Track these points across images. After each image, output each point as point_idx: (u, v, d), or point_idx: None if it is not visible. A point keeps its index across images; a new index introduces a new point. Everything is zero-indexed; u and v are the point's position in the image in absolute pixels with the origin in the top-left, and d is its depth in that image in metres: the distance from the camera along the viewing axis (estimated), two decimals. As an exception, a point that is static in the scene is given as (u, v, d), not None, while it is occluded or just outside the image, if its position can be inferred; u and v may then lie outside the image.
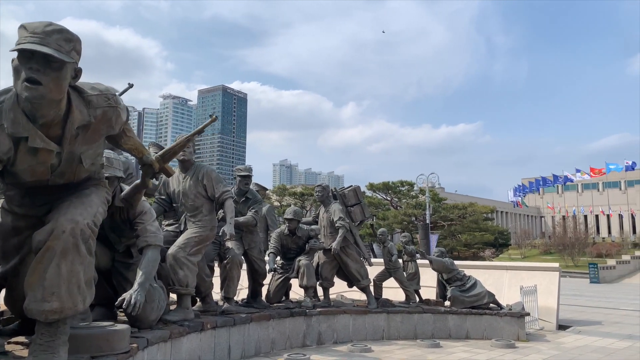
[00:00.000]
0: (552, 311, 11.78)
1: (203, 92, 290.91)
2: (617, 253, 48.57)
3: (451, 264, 10.31)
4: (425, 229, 23.08)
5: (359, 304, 9.68)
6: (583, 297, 22.22)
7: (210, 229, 6.62)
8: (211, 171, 6.74)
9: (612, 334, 10.93)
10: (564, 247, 49.69)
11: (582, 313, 15.16)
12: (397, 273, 9.97)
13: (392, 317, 9.36)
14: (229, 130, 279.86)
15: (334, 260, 9.30)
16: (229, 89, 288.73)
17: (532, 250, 60.41)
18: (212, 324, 6.57)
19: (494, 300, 10.17)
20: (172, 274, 6.25)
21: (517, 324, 9.72)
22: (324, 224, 9.40)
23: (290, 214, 8.87)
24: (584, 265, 40.85)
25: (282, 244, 9.00)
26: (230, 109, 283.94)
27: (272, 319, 7.76)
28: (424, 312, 9.63)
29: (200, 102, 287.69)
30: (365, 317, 9.10)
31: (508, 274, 12.91)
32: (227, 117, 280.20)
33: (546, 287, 12.17)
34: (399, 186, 48.20)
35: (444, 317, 9.70)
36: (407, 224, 42.05)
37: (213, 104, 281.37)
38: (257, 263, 8.14)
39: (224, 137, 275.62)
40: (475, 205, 51.60)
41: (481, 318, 9.78)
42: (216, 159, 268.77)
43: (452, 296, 9.95)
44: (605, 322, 13.19)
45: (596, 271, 35.31)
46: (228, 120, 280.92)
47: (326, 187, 9.57)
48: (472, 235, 46.88)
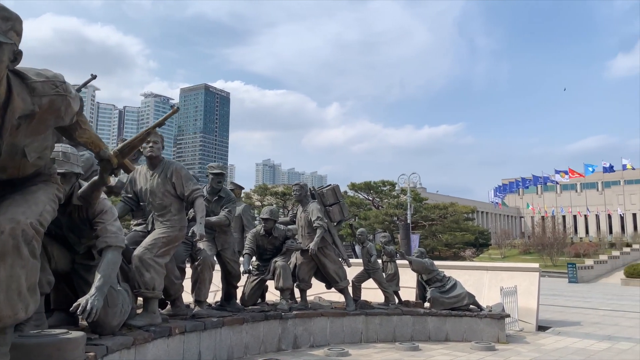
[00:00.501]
0: (532, 312, 11.70)
1: (185, 90, 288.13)
2: (595, 253, 49.20)
3: (431, 264, 10.14)
4: (406, 229, 22.96)
5: (337, 306, 9.44)
6: (562, 297, 22.32)
7: (179, 229, 6.31)
8: (180, 168, 6.42)
9: (591, 335, 10.88)
10: (543, 247, 50.17)
11: (561, 313, 15.15)
12: (376, 274, 9.76)
13: (371, 319, 9.13)
14: (211, 130, 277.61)
15: (311, 261, 9.05)
16: (211, 87, 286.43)
17: (512, 250, 60.91)
18: (180, 328, 6.26)
19: (474, 301, 10.02)
20: (138, 277, 5.92)
21: (497, 325, 9.58)
22: (301, 223, 9.14)
23: (266, 213, 8.59)
24: (563, 265, 41.26)
25: (258, 245, 8.71)
26: (213, 108, 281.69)
27: (245, 322, 7.46)
28: (403, 314, 9.43)
29: (182, 100, 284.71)
30: (343, 320, 8.87)
31: (488, 274, 12.80)
32: (209, 116, 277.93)
33: (526, 287, 12.09)
34: (381, 186, 48.11)
35: (424, 319, 9.51)
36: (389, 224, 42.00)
37: (195, 102, 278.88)
38: (231, 265, 7.85)
39: (206, 136, 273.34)
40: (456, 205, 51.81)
41: (461, 320, 9.62)
42: (198, 158, 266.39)
43: (432, 297, 9.78)
44: (585, 322, 13.17)
45: (574, 271, 35.65)
46: (210, 119, 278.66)
47: (304, 186, 9.31)
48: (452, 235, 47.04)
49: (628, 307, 17.88)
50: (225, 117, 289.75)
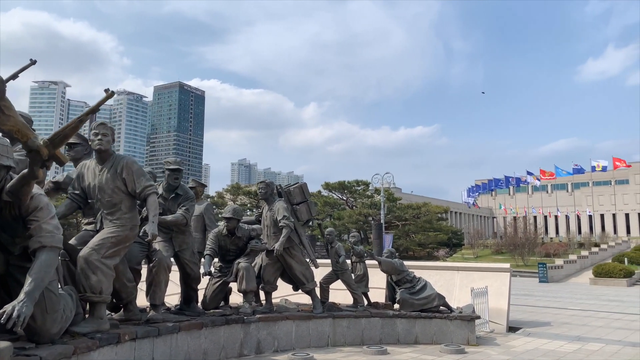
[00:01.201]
0: (502, 313, 11.57)
1: (159, 88, 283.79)
2: (564, 253, 49.99)
3: (401, 265, 9.89)
4: (379, 229, 22.76)
5: (304, 308, 9.09)
6: (533, 296, 22.45)
7: (130, 228, 5.88)
8: (132, 163, 5.99)
9: (561, 336, 10.79)
10: (514, 247, 50.72)
11: (531, 314, 15.12)
12: (344, 275, 9.46)
13: (338, 322, 8.82)
14: (185, 128, 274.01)
15: (277, 262, 8.69)
16: (186, 85, 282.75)
17: (484, 250, 61.49)
18: (131, 334, 5.82)
19: (444, 302, 9.81)
20: (84, 279, 5.48)
21: (467, 327, 9.38)
22: (267, 223, 8.77)
23: (229, 212, 8.20)
24: (534, 265, 41.77)
25: (220, 246, 8.31)
26: (187, 107, 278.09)
27: (204, 327, 7.05)
28: (372, 316, 9.14)
29: (156, 98, 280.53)
30: (309, 323, 8.53)
31: (459, 274, 12.64)
32: (183, 115, 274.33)
33: (497, 288, 11.96)
34: (355, 186, 47.93)
35: (393, 321, 9.25)
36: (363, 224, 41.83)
37: (169, 100, 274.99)
38: (190, 266, 7.43)
39: (180, 135, 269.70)
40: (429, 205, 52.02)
41: (431, 322, 9.39)
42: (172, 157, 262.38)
43: (401, 299, 9.52)
44: (555, 322, 13.13)
45: (545, 271, 36.10)
46: (185, 117, 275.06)
47: (270, 183, 8.94)
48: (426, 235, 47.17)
49: (596, 307, 18.03)
50: (200, 116, 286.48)
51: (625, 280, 32.59)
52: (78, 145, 6.98)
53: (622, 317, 15.08)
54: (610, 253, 48.10)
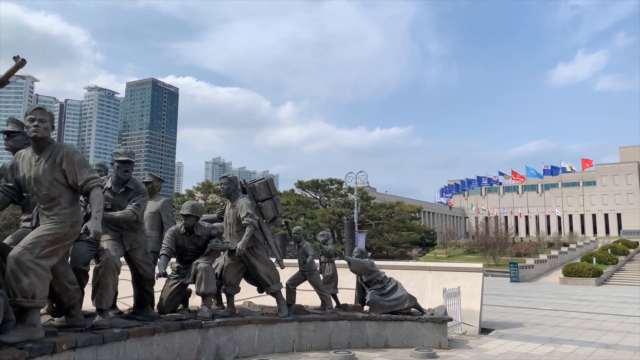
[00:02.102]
0: (475, 314, 11.28)
1: (132, 85, 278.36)
2: (535, 252, 50.62)
3: (371, 265, 9.47)
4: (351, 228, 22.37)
5: (269, 311, 8.60)
6: (504, 296, 22.40)
7: (70, 225, 5.29)
8: (74, 152, 5.39)
9: (534, 338, 10.55)
10: (486, 247, 51.14)
11: (504, 314, 14.94)
12: (312, 276, 9.00)
13: (305, 325, 8.36)
14: (158, 126, 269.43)
15: (240, 262, 8.18)
16: (159, 82, 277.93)
17: (456, 249, 61.88)
18: (69, 343, 5.24)
19: (416, 304, 9.44)
20: (14, 282, 4.87)
21: (439, 330, 9.02)
22: (229, 221, 8.25)
23: (187, 209, 7.64)
24: (505, 265, 42.10)
25: (178, 245, 7.74)
26: (161, 104, 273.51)
27: (157, 333, 6.49)
28: (340, 319, 8.70)
29: (129, 95, 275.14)
30: (274, 327, 8.04)
31: (431, 275, 12.31)
32: (156, 112, 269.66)
33: (469, 288, 11.67)
34: (329, 184, 47.47)
35: (362, 324, 8.83)
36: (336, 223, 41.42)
37: (142, 97, 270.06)
38: (142, 267, 6.84)
39: (152, 132, 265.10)
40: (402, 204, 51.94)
41: (401, 324, 9.00)
42: (144, 155, 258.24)
43: (371, 300, 9.11)
44: (527, 323, 12.94)
45: (516, 270, 36.37)
46: (158, 115, 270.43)
47: (233, 178, 8.41)
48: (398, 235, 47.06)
49: (567, 307, 18.01)
50: (174, 113, 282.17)
51: (594, 279, 33.03)
52: (17, 134, 6.35)
53: (593, 317, 15.02)
54: (579, 253, 48.90)
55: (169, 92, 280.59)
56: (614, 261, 40.62)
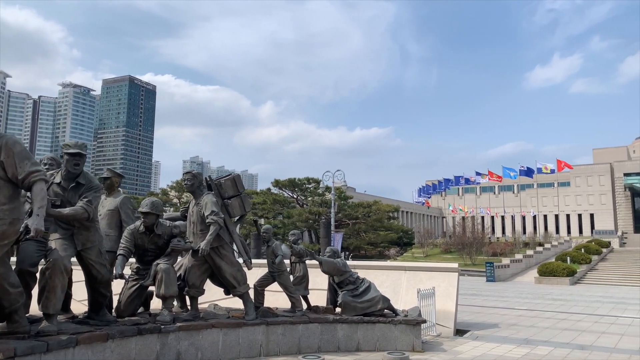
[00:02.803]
0: (450, 315, 11.05)
1: (108, 82, 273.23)
2: (510, 252, 51.06)
3: (343, 265, 9.14)
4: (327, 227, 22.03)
5: (236, 314, 8.19)
6: (480, 296, 22.35)
7: (9, 222, 4.84)
8: (13, 143, 4.93)
9: (509, 339, 10.36)
10: (463, 246, 51.42)
11: (479, 314, 14.78)
12: (281, 277, 8.62)
13: (272, 329, 7.98)
14: (135, 124, 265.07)
15: (204, 263, 7.76)
16: (136, 79, 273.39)
17: (434, 249, 62.13)
18: (7, 352, 4.78)
19: (389, 305, 9.14)
20: (-58, 286, 4.40)
21: (413, 332, 8.73)
22: (193, 219, 7.82)
23: (146, 206, 7.19)
24: (481, 264, 42.34)
25: (137, 244, 7.28)
26: (138, 101, 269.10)
27: (110, 339, 6.05)
28: (310, 322, 8.34)
29: (105, 92, 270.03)
30: (240, 331, 7.64)
31: (406, 275, 12.05)
32: (133, 110, 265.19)
33: (445, 289, 11.44)
34: (306, 183, 46.98)
35: (333, 327, 8.48)
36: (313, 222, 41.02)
37: (119, 95, 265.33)
38: (96, 268, 6.38)
39: (129, 130, 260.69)
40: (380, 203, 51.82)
41: (374, 327, 8.69)
42: (120, 153, 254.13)
43: (343, 302, 8.78)
44: (502, 324, 12.77)
45: (492, 270, 36.54)
46: (134, 113, 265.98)
47: (198, 174, 7.97)
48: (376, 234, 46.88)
49: (542, 307, 17.98)
50: (151, 111, 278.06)
51: (568, 279, 33.35)
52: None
53: (568, 317, 14.97)
54: (554, 252, 49.48)
55: (146, 89, 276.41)
56: (588, 260, 41.15)
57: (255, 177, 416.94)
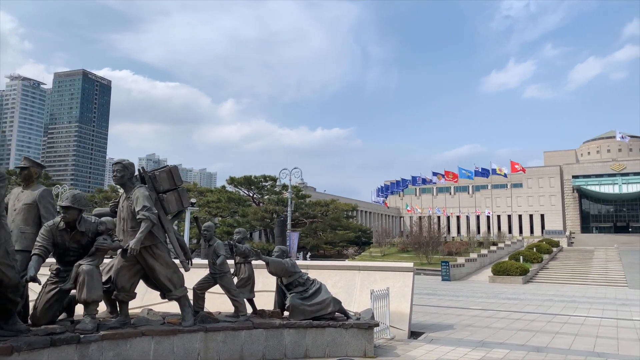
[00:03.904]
0: (404, 317, 10.63)
1: (60, 75, 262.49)
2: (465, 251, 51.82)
3: (292, 265, 8.52)
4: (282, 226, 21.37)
5: (172, 320, 7.45)
6: (436, 296, 22.23)
7: None
8: None
9: (464, 342, 10.01)
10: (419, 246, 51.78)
11: (434, 315, 14.48)
12: (223, 279, 7.92)
13: (212, 336, 7.28)
14: (88, 119, 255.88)
15: (135, 264, 6.99)
16: (90, 74, 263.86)
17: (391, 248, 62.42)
18: None
19: (340, 308, 8.60)
20: None
21: (365, 337, 8.21)
22: (123, 215, 7.03)
23: (67, 199, 6.36)
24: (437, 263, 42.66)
25: (57, 243, 6.43)
26: (91, 96, 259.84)
27: (16, 352, 5.23)
28: (254, 327, 7.69)
29: (56, 86, 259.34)
30: (174, 339, 6.91)
31: (360, 275, 11.56)
32: (87, 105, 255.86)
33: (399, 289, 11.02)
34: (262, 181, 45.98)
35: (279, 332, 7.86)
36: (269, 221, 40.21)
37: (71, 89, 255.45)
38: (1, 270, 5.53)
39: (82, 126, 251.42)
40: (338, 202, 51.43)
41: (324, 331, 8.12)
42: (73, 149, 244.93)
43: (291, 305, 8.18)
44: (457, 325, 12.48)
45: (448, 269, 36.79)
46: (88, 108, 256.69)
47: (129, 165, 7.18)
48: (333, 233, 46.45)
49: (496, 306, 17.93)
50: (106, 107, 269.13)
51: (521, 277, 33.91)
52: None
53: (522, 316, 14.89)
54: (507, 251, 50.49)
55: (100, 84, 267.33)
56: (539, 260, 42.11)
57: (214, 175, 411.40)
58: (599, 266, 42.21)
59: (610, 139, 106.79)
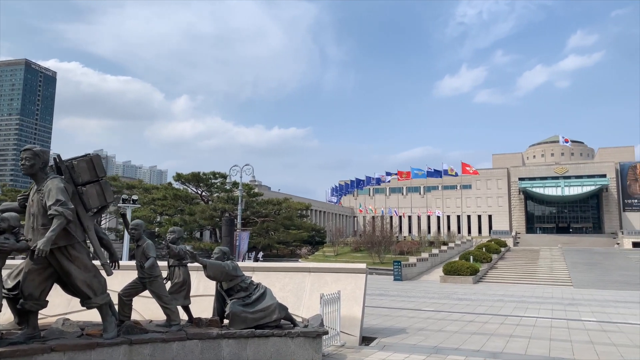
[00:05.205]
0: (356, 322, 10.00)
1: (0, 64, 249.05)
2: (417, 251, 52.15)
3: (233, 269, 7.71)
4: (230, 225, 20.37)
5: (93, 331, 6.49)
6: (388, 296, 21.84)
7: None
8: None
9: (418, 348, 9.48)
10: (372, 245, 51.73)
11: (387, 318, 13.96)
12: (153, 284, 7.03)
13: (138, 349, 6.38)
14: (31, 112, 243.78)
15: (47, 267, 6.01)
16: (33, 64, 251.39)
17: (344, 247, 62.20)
18: None
19: (287, 314, 7.86)
20: None
21: (312, 346, 7.52)
22: (33, 210, 6.03)
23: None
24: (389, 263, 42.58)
25: (-54, 242, 5.40)
26: (35, 88, 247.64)
27: None
28: (188, 338, 6.84)
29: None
30: (92, 354, 5.97)
31: (311, 277, 10.86)
32: (29, 97, 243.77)
33: (351, 292, 10.39)
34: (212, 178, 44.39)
35: (217, 343, 7.04)
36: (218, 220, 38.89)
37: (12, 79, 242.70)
38: None
39: (24, 119, 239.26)
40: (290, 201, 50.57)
41: (267, 341, 7.36)
42: (13, 143, 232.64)
43: (231, 312, 7.37)
44: (410, 329, 11.99)
45: (400, 269, 36.68)
46: (31, 100, 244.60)
47: (41, 152, 6.17)
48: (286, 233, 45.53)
49: (449, 307, 17.67)
50: (50, 100, 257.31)
51: (471, 277, 34.19)
52: None
53: (474, 318, 14.60)
54: (457, 251, 51.14)
55: (45, 75, 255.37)
56: (489, 259, 42.77)
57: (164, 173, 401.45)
58: (545, 266, 43.32)
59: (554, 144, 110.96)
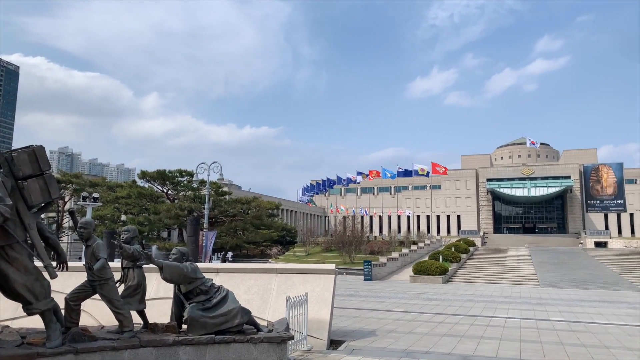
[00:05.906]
0: (324, 325, 9.63)
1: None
2: (387, 250, 52.21)
3: (192, 270, 7.22)
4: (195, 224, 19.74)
5: (35, 340, 5.94)
6: (358, 297, 21.58)
7: None
8: None
9: (388, 351, 9.17)
10: (343, 245, 51.52)
11: (356, 319, 13.65)
12: (104, 287, 6.50)
13: (85, 358, 5.85)
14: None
15: (-19, 269, 5.42)
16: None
17: (315, 247, 61.83)
18: None
19: (250, 319, 7.43)
20: None
21: (277, 352, 7.10)
22: (-34, 207, 5.43)
23: None
24: (360, 262, 42.43)
25: None
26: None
27: None
28: (142, 345, 6.34)
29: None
30: (32, 365, 5.42)
31: (277, 278, 10.43)
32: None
33: (319, 294, 10.03)
34: (178, 176, 43.26)
35: (173, 350, 6.56)
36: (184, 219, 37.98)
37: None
38: None
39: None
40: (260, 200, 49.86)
41: (228, 348, 6.91)
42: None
43: (190, 317, 6.89)
44: (380, 331, 11.69)
45: (370, 269, 36.55)
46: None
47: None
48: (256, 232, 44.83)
49: (419, 308, 17.50)
50: (12, 94, 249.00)
51: (441, 277, 34.30)
52: None
53: (444, 319, 14.43)
54: (427, 250, 51.46)
55: (6, 69, 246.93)
56: (458, 259, 43.09)
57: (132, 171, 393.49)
58: (512, 265, 43.91)
59: (521, 145, 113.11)
